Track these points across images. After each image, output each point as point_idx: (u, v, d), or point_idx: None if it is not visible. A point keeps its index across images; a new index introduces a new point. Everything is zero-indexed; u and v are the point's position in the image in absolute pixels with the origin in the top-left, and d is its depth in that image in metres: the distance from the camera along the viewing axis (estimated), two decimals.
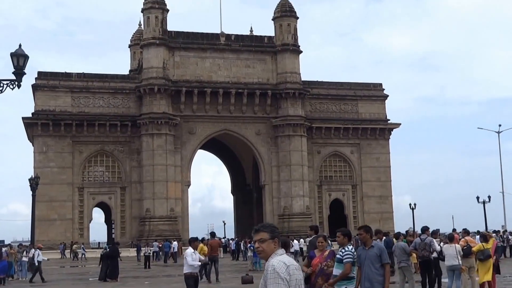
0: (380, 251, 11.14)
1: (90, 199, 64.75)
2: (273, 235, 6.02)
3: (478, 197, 70.25)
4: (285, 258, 5.90)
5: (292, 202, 65.73)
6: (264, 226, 6.15)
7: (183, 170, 65.01)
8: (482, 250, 18.95)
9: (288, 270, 5.80)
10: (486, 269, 18.88)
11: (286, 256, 5.96)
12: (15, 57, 18.05)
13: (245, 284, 25.88)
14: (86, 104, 64.62)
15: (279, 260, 5.86)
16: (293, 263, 5.92)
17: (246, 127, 66.94)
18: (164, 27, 65.10)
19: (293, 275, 5.82)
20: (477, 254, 19.07)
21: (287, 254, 6.11)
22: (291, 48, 67.57)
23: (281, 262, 5.84)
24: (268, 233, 6.03)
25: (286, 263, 5.83)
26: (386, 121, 72.63)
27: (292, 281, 5.80)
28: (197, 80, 65.20)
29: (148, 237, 60.17)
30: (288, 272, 5.79)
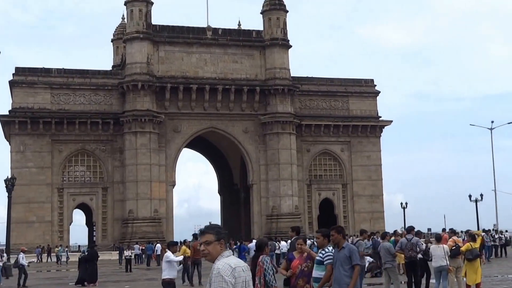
0: (350, 252, 10.99)
1: (70, 200, 63.62)
2: (219, 236, 6.05)
3: (471, 196, 70.01)
4: (231, 260, 5.94)
5: (280, 202, 64.95)
6: (210, 227, 6.18)
7: (168, 170, 64.01)
8: (470, 250, 19.10)
9: (234, 273, 5.82)
10: (474, 269, 19.03)
11: (233, 258, 6.01)
12: None
13: None
14: (66, 101, 63.47)
15: (225, 262, 5.89)
16: (240, 264, 5.96)
17: (233, 124, 66.01)
18: (148, 21, 64.05)
19: (239, 278, 5.84)
20: (465, 253, 19.15)
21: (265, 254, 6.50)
22: (280, 43, 66.69)
23: (226, 264, 5.87)
24: (213, 235, 6.06)
25: (232, 265, 5.86)
26: (378, 118, 71.96)
27: (238, 284, 5.83)
28: (182, 76, 64.20)
29: (131, 239, 59.32)
30: (233, 275, 5.81)
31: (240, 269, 5.92)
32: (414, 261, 19.77)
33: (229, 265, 5.86)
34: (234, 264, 5.91)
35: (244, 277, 5.93)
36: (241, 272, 5.91)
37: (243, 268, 5.98)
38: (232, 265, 5.88)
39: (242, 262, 6.06)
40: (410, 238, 19.99)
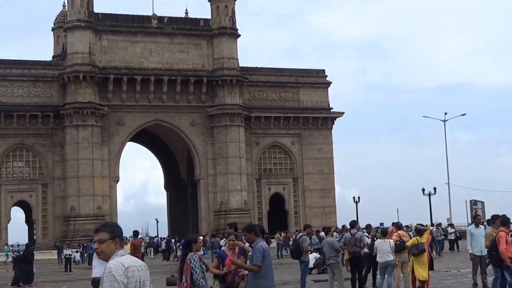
0: (253, 252, 11.07)
1: (8, 197, 62.78)
2: (113, 235, 6.06)
3: (424, 189, 71.13)
4: (124, 259, 5.93)
5: (229, 197, 65.12)
6: (105, 225, 6.18)
7: (111, 165, 63.62)
8: (416, 245, 19.04)
9: (127, 272, 5.83)
10: (421, 264, 19.00)
11: (128, 257, 6.00)
12: None
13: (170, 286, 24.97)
14: (4, 93, 62.59)
15: (117, 261, 5.90)
16: (135, 264, 5.97)
17: (179, 117, 65.90)
18: (90, 9, 63.49)
19: (132, 277, 5.85)
20: (411, 248, 19.15)
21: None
22: (229, 32, 66.78)
23: (119, 263, 5.87)
24: (107, 233, 6.07)
25: (125, 265, 5.87)
26: (329, 109, 72.58)
27: (131, 284, 5.85)
28: (126, 67, 63.81)
29: (73, 237, 58.93)
30: (126, 275, 5.82)
31: (134, 268, 5.92)
32: (358, 256, 19.96)
33: (122, 264, 5.86)
34: (128, 263, 5.90)
35: (139, 276, 5.92)
36: (135, 272, 5.91)
37: (139, 268, 5.98)
38: (125, 264, 5.87)
39: (138, 261, 6.05)
40: (354, 233, 20.21)
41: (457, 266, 29.86)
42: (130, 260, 5.98)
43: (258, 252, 10.83)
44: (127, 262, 5.90)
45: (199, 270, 10.86)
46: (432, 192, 71.02)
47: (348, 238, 20.16)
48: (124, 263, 5.87)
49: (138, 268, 5.96)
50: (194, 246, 11.28)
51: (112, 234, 6.05)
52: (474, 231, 19.03)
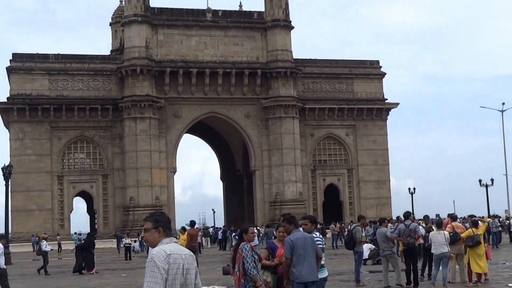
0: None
1: (71, 188, 64.11)
2: (157, 224, 6.19)
3: (481, 180, 69.71)
4: (168, 247, 6.04)
5: (284, 188, 65.08)
6: (150, 215, 6.34)
7: (168, 156, 64.32)
8: (471, 236, 18.76)
9: (168, 259, 5.95)
10: (477, 256, 18.71)
11: (172, 245, 6.10)
12: None
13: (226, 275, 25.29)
14: (65, 87, 63.77)
15: (161, 248, 6.03)
16: (178, 252, 6.07)
17: (234, 109, 66.12)
18: (146, 3, 64.13)
19: (174, 264, 5.97)
20: (466, 240, 18.88)
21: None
22: (282, 24, 66.56)
23: (161, 250, 6.00)
24: (151, 223, 6.21)
25: (167, 252, 5.98)
26: (384, 100, 71.84)
27: (173, 270, 5.95)
28: (182, 60, 64.28)
29: (133, 227, 59.74)
30: (167, 261, 5.94)
31: (177, 256, 6.02)
32: (413, 247, 19.57)
33: (164, 251, 5.97)
34: (170, 250, 6.00)
35: (181, 264, 6.02)
36: (178, 259, 6.00)
37: (183, 256, 6.07)
38: (168, 251, 5.98)
39: (183, 250, 6.17)
40: (408, 224, 19.83)
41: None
42: (174, 247, 6.09)
43: (287, 245, 11.02)
44: (169, 250, 6.01)
45: (250, 260, 10.86)
46: (489, 184, 69.64)
47: (403, 229, 19.72)
48: (167, 250, 5.99)
49: (182, 256, 6.06)
50: (245, 236, 11.32)
51: (155, 223, 6.18)
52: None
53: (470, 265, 18.91)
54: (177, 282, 6.00)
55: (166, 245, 6.06)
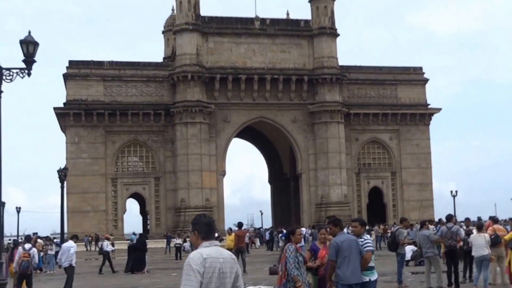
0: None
1: (124, 190, 65.27)
2: (193, 227, 6.26)
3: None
4: (205, 250, 6.02)
5: (329, 191, 65.56)
6: (193, 218, 6.45)
7: (218, 159, 65.12)
8: None
9: (204, 262, 5.93)
10: None
11: (210, 249, 6.08)
12: (25, 44, 17.33)
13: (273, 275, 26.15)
14: (119, 93, 64.91)
15: (198, 252, 6.04)
16: (216, 255, 6.04)
17: (282, 114, 66.75)
18: (197, 12, 64.92)
19: (209, 267, 5.94)
20: (509, 243, 18.75)
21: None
22: (328, 32, 67.03)
23: (198, 254, 6.01)
24: (191, 225, 6.36)
25: (203, 255, 5.97)
26: (426, 105, 71.88)
27: (208, 273, 5.93)
28: (231, 67, 65.06)
29: (184, 227, 60.22)
30: (203, 264, 5.93)
31: (214, 259, 5.99)
32: (454, 250, 19.62)
33: (201, 254, 5.98)
34: (207, 254, 5.99)
35: (218, 267, 5.98)
36: (214, 263, 5.98)
37: (221, 260, 6.04)
38: (204, 255, 5.98)
39: (223, 253, 6.13)
40: (450, 227, 19.89)
41: None
42: (212, 251, 6.06)
43: (332, 247, 11.13)
44: (207, 253, 6.00)
45: (292, 261, 10.85)
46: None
47: (444, 232, 19.90)
48: (204, 253, 5.99)
49: (220, 260, 6.03)
50: (293, 237, 11.28)
51: (192, 226, 6.31)
52: None
53: (510, 267, 18.65)
54: (212, 286, 5.96)
55: (204, 249, 6.06)
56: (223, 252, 6.15)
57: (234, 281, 6.09)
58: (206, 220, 6.29)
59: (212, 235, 6.22)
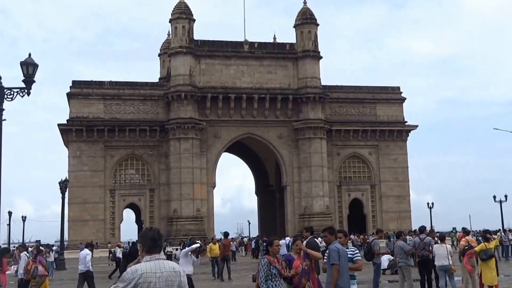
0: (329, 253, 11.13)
1: (121, 200, 65.44)
2: (139, 240, 6.09)
3: (495, 196, 68.80)
4: (143, 265, 5.83)
5: (312, 202, 65.52)
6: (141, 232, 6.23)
7: (209, 172, 65.34)
8: (484, 250, 18.38)
9: (138, 278, 5.72)
10: (490, 269, 18.25)
11: (150, 263, 5.86)
12: (25, 65, 17.72)
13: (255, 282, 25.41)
14: (118, 111, 65.16)
15: (135, 266, 5.88)
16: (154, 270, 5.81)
17: (268, 130, 66.90)
18: (190, 36, 65.45)
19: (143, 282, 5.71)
20: (479, 254, 18.45)
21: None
22: (312, 54, 67.35)
23: (134, 268, 5.83)
24: (139, 238, 6.16)
25: (139, 271, 5.77)
26: (404, 123, 71.85)
27: (138, 284, 5.72)
28: (222, 86, 65.40)
29: (176, 236, 60.56)
30: (135, 279, 5.71)
31: (149, 274, 5.77)
32: (427, 259, 19.38)
33: (136, 270, 5.80)
34: (144, 269, 5.79)
35: (154, 282, 5.75)
36: (149, 278, 5.76)
37: (158, 275, 5.80)
38: (140, 270, 5.78)
39: (164, 268, 5.87)
40: (423, 238, 19.67)
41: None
42: (150, 265, 5.85)
43: (334, 252, 10.95)
44: (144, 268, 5.81)
45: (263, 274, 10.82)
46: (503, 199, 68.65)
47: (417, 242, 19.63)
48: (140, 268, 5.80)
49: (157, 275, 5.80)
50: (271, 248, 11.16)
51: (138, 239, 6.14)
52: None
53: (481, 278, 18.42)
54: None
55: (144, 263, 5.87)
56: (165, 266, 5.87)
57: None
58: (151, 234, 6.02)
59: (156, 249, 5.94)
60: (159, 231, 6.20)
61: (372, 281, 20.93)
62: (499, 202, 68.62)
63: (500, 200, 68.67)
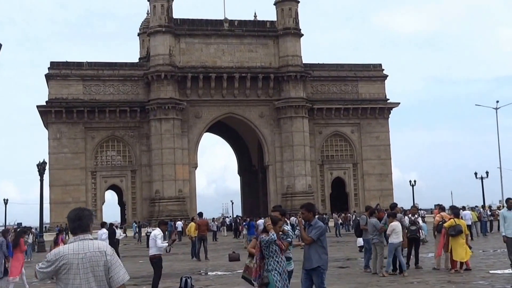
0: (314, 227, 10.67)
1: (103, 182, 64.74)
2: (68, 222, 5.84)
3: (476, 173, 68.86)
4: (66, 247, 5.56)
5: (294, 181, 65.04)
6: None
7: (190, 153, 64.61)
8: (453, 226, 18.22)
9: (60, 259, 5.44)
10: (460, 245, 18.03)
11: (74, 244, 5.53)
12: None
13: (232, 262, 25.18)
14: (97, 92, 64.23)
15: (59, 248, 5.64)
16: (77, 251, 5.46)
17: (250, 110, 66.20)
18: (169, 15, 64.36)
19: (66, 264, 5.44)
20: (448, 229, 18.26)
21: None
22: (292, 32, 66.46)
23: (57, 250, 5.56)
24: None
25: (61, 252, 5.49)
26: (386, 100, 71.30)
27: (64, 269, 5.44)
28: (202, 66, 64.49)
29: (158, 217, 59.72)
30: (58, 261, 5.44)
31: (72, 256, 5.45)
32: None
33: (59, 251, 5.51)
34: (66, 251, 5.47)
35: (77, 264, 5.44)
36: (72, 259, 5.44)
37: (81, 256, 5.46)
38: (62, 251, 5.48)
39: (90, 248, 5.50)
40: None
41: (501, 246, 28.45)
42: (74, 246, 5.51)
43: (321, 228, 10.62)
44: (66, 250, 5.49)
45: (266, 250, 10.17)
46: (484, 176, 68.69)
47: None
48: (63, 250, 5.50)
49: (80, 256, 5.46)
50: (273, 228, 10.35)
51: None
52: (506, 214, 17.70)
53: (452, 254, 18.22)
54: (77, 282, 5.43)
55: (67, 244, 5.59)
56: (89, 247, 5.53)
57: (106, 273, 5.51)
58: (73, 214, 5.71)
59: (79, 230, 5.59)
60: (84, 210, 5.83)
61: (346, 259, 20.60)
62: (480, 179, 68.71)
63: (481, 176, 68.70)
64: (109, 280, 5.52)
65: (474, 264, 19.74)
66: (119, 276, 5.55)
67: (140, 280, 21.31)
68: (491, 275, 17.31)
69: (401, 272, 18.16)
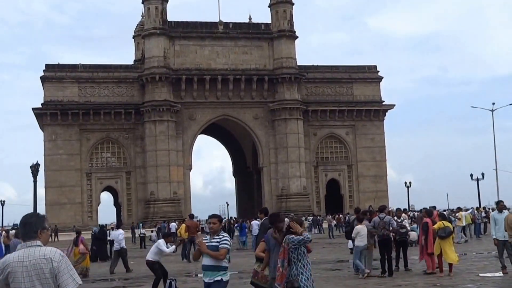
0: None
1: (98, 183, 64.44)
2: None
3: (472, 175, 68.67)
4: (13, 254, 5.37)
5: (289, 183, 64.72)
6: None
7: (185, 155, 64.39)
8: (443, 228, 17.95)
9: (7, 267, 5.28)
10: (450, 247, 17.89)
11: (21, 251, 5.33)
12: None
13: None
14: (92, 94, 63.94)
15: (8, 255, 5.45)
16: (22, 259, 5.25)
17: (244, 112, 65.88)
18: (164, 18, 64.06)
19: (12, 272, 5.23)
20: (438, 232, 18.04)
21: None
22: (287, 34, 66.16)
23: (6, 257, 5.40)
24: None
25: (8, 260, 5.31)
26: (381, 102, 70.97)
27: (10, 277, 5.24)
28: (196, 68, 64.20)
29: (153, 218, 59.82)
30: (5, 269, 5.27)
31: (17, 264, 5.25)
32: (387, 239, 18.94)
33: (6, 259, 5.34)
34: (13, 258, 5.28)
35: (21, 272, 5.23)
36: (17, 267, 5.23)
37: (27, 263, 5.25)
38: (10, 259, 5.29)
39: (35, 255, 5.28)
40: (383, 217, 19.15)
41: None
42: (20, 254, 5.32)
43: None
44: (12, 257, 5.30)
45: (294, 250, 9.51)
46: (480, 178, 68.50)
47: (377, 222, 19.09)
48: (11, 257, 5.32)
49: (26, 263, 5.25)
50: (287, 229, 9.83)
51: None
52: (497, 217, 17.54)
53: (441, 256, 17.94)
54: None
55: (16, 252, 5.37)
56: (34, 254, 5.29)
57: (54, 280, 5.27)
58: (23, 220, 5.47)
59: (27, 236, 5.39)
60: (32, 216, 5.53)
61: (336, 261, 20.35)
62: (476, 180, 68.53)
63: (477, 178, 68.52)
64: (58, 287, 5.28)
65: (465, 267, 19.54)
66: (68, 283, 5.29)
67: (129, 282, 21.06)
68: (481, 278, 17.01)
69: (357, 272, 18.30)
